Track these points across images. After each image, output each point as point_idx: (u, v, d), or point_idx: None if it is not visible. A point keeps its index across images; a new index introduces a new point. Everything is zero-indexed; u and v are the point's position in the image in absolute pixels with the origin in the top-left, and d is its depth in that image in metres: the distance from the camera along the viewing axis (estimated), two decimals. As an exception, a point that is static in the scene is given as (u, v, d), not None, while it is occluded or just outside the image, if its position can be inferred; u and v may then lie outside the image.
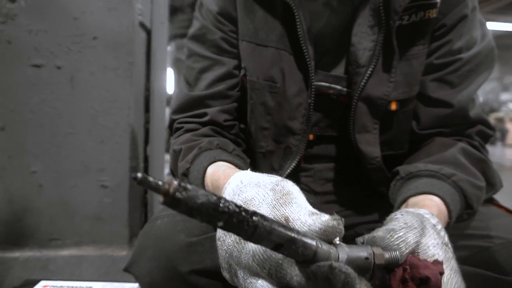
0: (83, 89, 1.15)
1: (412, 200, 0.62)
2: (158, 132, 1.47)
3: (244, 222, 0.29)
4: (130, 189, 1.18)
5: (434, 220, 0.48)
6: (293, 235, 0.33)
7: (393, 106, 0.76)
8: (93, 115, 1.15)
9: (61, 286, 0.88)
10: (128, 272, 0.75)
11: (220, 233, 0.45)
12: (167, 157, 0.93)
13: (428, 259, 0.42)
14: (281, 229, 0.32)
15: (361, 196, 0.85)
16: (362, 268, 0.38)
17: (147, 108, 1.30)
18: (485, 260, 0.60)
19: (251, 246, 0.40)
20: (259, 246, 0.38)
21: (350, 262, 0.37)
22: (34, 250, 1.14)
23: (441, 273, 0.40)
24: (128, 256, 0.76)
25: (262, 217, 0.31)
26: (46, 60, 1.13)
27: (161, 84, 1.59)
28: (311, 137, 0.82)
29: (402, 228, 0.45)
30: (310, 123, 0.78)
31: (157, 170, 1.51)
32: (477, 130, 0.77)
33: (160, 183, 0.27)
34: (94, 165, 1.16)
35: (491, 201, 0.79)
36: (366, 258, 0.38)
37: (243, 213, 0.29)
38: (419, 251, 0.43)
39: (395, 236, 0.44)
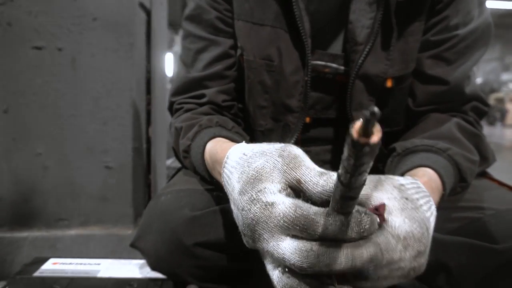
0: (84, 71, 1.15)
1: (408, 174, 0.63)
2: (160, 113, 1.47)
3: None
4: (133, 170, 1.20)
5: (403, 181, 0.48)
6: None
7: (389, 83, 0.76)
8: (96, 97, 1.16)
9: (70, 263, 0.90)
10: (134, 247, 0.77)
11: (243, 203, 0.46)
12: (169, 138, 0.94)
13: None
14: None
15: None
16: None
17: (148, 90, 1.31)
18: (475, 230, 0.62)
19: (280, 209, 0.42)
20: (289, 207, 0.41)
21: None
22: (42, 230, 1.17)
23: (379, 214, 0.42)
24: (134, 235, 0.79)
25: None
26: (47, 42, 1.13)
27: (162, 66, 1.59)
28: (307, 120, 0.83)
29: None
30: (308, 101, 0.79)
31: (160, 151, 1.53)
32: (472, 106, 0.78)
33: None
34: (98, 147, 1.17)
35: (484, 175, 0.80)
36: None
37: None
38: (371, 202, 0.44)
39: None
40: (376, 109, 0.26)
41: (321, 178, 0.43)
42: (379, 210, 0.43)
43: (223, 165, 0.54)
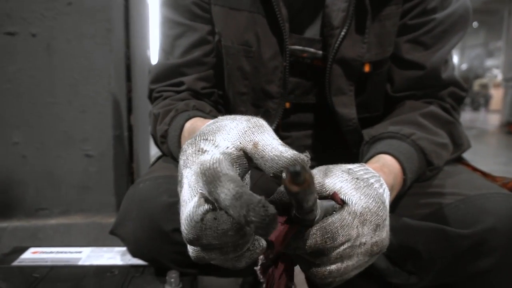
0: (60, 58, 1.12)
1: (366, 162, 0.64)
2: (142, 101, 1.45)
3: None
4: (114, 158, 1.19)
5: (350, 166, 0.49)
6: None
7: (367, 68, 0.77)
8: (73, 84, 1.14)
9: (50, 252, 0.90)
10: (114, 234, 0.77)
11: (185, 145, 0.43)
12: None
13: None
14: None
15: (339, 162, 0.87)
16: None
17: (128, 77, 1.29)
18: (445, 216, 0.63)
19: (203, 158, 0.39)
20: (212, 159, 0.37)
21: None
22: (22, 220, 1.15)
23: (336, 201, 0.43)
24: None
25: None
26: (20, 28, 1.10)
27: (143, 53, 1.56)
28: (287, 105, 0.83)
29: None
30: (287, 87, 0.79)
31: (142, 139, 1.52)
32: (449, 92, 0.79)
33: None
34: (77, 135, 1.16)
35: (459, 161, 0.82)
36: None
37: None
38: (325, 189, 0.45)
39: None
40: (298, 168, 0.28)
41: (281, 146, 0.39)
42: (334, 197, 0.43)
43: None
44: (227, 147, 0.41)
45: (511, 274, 0.63)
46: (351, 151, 0.82)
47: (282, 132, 0.86)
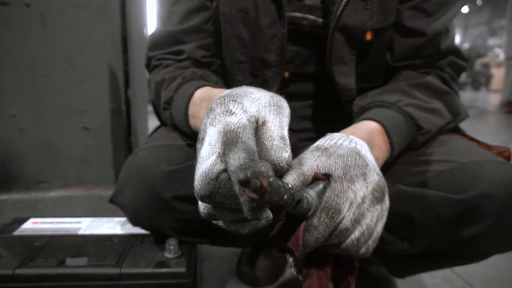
0: (55, 28, 1.10)
1: None
2: (139, 74, 1.44)
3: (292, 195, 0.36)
4: (112, 131, 1.18)
5: (316, 143, 0.50)
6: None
7: (369, 36, 0.75)
8: (69, 56, 1.12)
9: (51, 222, 0.91)
10: (113, 203, 0.78)
11: (214, 104, 0.44)
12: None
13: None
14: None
15: (337, 132, 0.87)
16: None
17: (125, 50, 1.26)
18: (439, 182, 0.63)
19: (230, 119, 0.40)
20: (238, 121, 0.39)
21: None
22: (22, 192, 1.16)
23: (320, 179, 0.44)
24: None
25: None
26: (13, -3, 1.07)
27: (140, 25, 1.53)
28: (286, 74, 0.82)
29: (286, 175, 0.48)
30: (285, 55, 0.77)
31: (140, 113, 1.51)
32: (448, 61, 0.78)
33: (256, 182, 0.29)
34: (75, 107, 1.15)
35: (456, 131, 0.82)
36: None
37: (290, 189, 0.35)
38: (308, 174, 0.46)
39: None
40: (246, 176, 0.29)
41: (279, 139, 0.41)
42: (317, 177, 0.44)
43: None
44: (252, 115, 0.42)
45: (502, 240, 0.64)
46: (349, 121, 0.82)
47: None
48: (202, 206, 0.43)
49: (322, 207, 0.42)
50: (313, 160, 0.46)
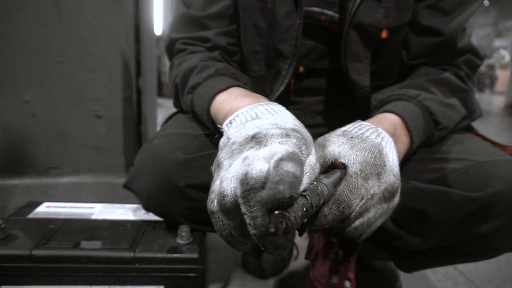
0: (70, 15, 1.11)
1: None
2: (149, 64, 1.45)
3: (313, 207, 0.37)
4: (124, 120, 1.19)
5: (344, 128, 0.51)
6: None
7: (384, 34, 0.76)
8: (83, 43, 1.13)
9: (64, 207, 0.92)
10: (128, 189, 0.79)
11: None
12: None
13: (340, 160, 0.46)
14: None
15: None
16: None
17: (137, 38, 1.27)
18: (454, 180, 0.64)
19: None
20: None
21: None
22: (34, 177, 1.17)
23: (338, 167, 0.45)
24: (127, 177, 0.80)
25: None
26: (29, -17, 1.08)
27: (150, 15, 1.54)
28: (301, 69, 0.82)
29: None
30: (299, 47, 0.78)
31: (150, 103, 1.52)
32: (465, 60, 0.78)
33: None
34: (87, 95, 1.16)
35: (469, 129, 0.82)
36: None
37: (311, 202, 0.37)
38: (327, 159, 0.47)
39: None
40: (273, 230, 0.30)
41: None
42: (336, 164, 0.45)
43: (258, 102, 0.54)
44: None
45: None
46: (363, 118, 0.83)
47: (294, 97, 0.86)
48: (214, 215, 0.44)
49: (335, 199, 0.43)
50: (336, 145, 0.47)
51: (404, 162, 0.71)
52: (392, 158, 0.49)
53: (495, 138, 0.80)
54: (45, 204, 0.93)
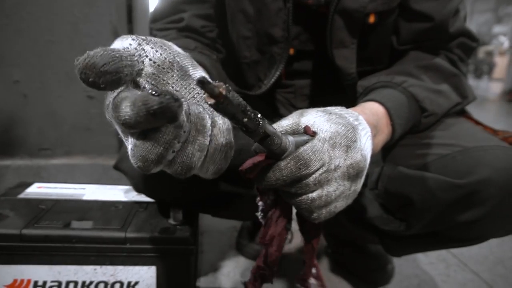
0: (59, -8, 1.08)
1: None
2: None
3: (256, 121, 0.36)
4: (116, 101, 1.18)
5: (327, 107, 0.49)
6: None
7: (372, 19, 0.73)
8: (73, 22, 1.10)
9: (55, 187, 0.91)
10: (118, 169, 0.78)
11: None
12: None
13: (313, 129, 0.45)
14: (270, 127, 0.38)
15: None
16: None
17: (130, 19, 1.25)
18: (442, 166, 0.63)
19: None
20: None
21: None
22: (25, 159, 1.16)
23: (308, 133, 0.44)
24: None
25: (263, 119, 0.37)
26: (16, -42, 1.04)
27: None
28: (291, 51, 0.80)
29: (284, 118, 0.48)
30: (291, 30, 0.76)
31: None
32: (458, 43, 0.76)
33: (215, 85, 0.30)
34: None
35: (462, 113, 0.81)
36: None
37: (256, 116, 0.36)
38: (302, 125, 0.46)
39: (277, 124, 0.47)
40: (201, 78, 0.29)
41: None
42: (306, 130, 0.44)
43: None
44: None
45: (500, 225, 0.65)
46: (352, 103, 0.82)
47: (285, 80, 0.85)
48: (132, 151, 0.38)
49: (294, 156, 0.42)
50: (313, 116, 0.46)
51: (391, 148, 0.70)
52: (364, 143, 0.48)
53: (492, 124, 0.79)
54: (36, 184, 0.92)
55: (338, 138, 0.45)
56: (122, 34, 1.08)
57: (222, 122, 0.42)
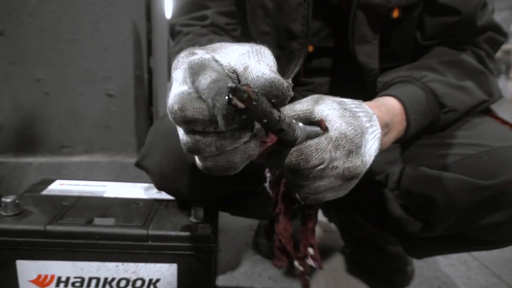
0: (81, -9, 1.09)
1: None
2: (161, 44, 1.43)
3: (276, 121, 0.35)
4: (135, 99, 1.19)
5: (344, 99, 0.48)
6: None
7: (395, 14, 0.72)
8: (94, 20, 1.11)
9: (77, 185, 0.92)
10: (139, 167, 0.78)
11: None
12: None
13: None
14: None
15: None
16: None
17: (148, 17, 1.26)
18: (467, 166, 0.61)
19: (193, 58, 0.37)
20: (201, 57, 0.36)
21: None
22: (47, 156, 1.18)
23: (320, 126, 0.44)
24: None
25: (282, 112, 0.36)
26: (40, -42, 1.06)
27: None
28: (310, 48, 0.79)
29: (299, 102, 0.48)
30: (311, 26, 0.75)
31: (161, 83, 1.51)
32: (486, 37, 0.74)
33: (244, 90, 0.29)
34: (99, 73, 1.15)
35: (488, 112, 0.79)
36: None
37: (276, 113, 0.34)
38: (314, 115, 0.45)
39: (290, 107, 0.47)
40: (234, 84, 0.28)
41: (268, 70, 0.36)
42: (320, 123, 0.45)
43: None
44: (227, 65, 0.38)
45: None
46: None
47: (304, 78, 0.84)
48: (183, 137, 0.39)
49: (298, 148, 0.43)
50: (327, 107, 0.45)
51: (408, 147, 0.68)
52: (370, 147, 0.47)
53: (509, 126, 0.76)
54: (58, 181, 0.93)
55: (344, 141, 0.44)
56: (141, 32, 1.08)
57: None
